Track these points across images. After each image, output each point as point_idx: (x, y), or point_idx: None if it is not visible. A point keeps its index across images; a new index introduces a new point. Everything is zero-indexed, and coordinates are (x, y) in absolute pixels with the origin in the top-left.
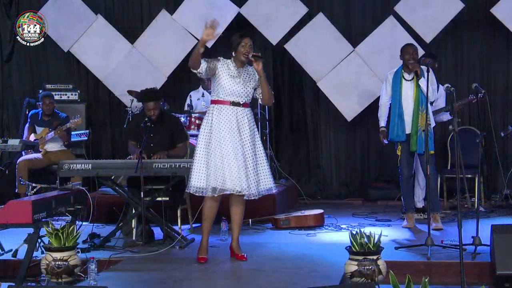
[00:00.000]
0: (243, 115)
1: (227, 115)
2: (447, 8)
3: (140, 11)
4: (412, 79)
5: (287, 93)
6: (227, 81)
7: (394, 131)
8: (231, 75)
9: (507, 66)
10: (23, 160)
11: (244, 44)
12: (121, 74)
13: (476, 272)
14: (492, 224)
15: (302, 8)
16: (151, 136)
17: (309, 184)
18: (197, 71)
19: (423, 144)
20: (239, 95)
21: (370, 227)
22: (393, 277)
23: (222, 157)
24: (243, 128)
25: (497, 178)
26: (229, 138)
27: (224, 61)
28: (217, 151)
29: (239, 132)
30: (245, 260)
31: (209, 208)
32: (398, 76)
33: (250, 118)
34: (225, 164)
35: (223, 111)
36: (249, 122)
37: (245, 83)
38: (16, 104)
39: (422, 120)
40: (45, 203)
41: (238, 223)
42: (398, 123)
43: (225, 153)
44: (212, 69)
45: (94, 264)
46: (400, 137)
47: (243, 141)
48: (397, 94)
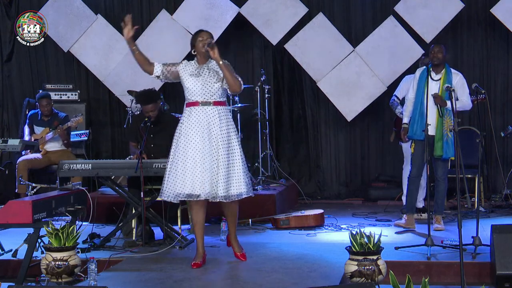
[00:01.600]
0: (214, 114)
1: (196, 116)
2: (447, 8)
3: (140, 11)
4: (439, 80)
5: (287, 93)
6: (189, 81)
7: (413, 128)
8: (191, 74)
9: (507, 66)
10: (23, 160)
11: (202, 38)
12: (121, 74)
13: (476, 272)
14: (492, 224)
15: (302, 8)
16: (151, 137)
17: (309, 184)
18: (153, 75)
19: (450, 149)
20: (204, 93)
21: (370, 227)
22: (393, 277)
23: (185, 161)
24: (214, 128)
25: (497, 178)
26: (197, 140)
27: (186, 63)
28: (181, 156)
29: (209, 132)
30: (244, 260)
31: (195, 213)
32: (424, 75)
33: (224, 117)
34: (187, 168)
35: (192, 113)
36: (220, 122)
37: (206, 79)
38: (16, 104)
39: (446, 124)
40: (45, 203)
41: (233, 223)
42: (419, 121)
43: (190, 156)
44: (172, 73)
45: (94, 264)
46: (417, 135)
47: (212, 142)
48: (421, 92)
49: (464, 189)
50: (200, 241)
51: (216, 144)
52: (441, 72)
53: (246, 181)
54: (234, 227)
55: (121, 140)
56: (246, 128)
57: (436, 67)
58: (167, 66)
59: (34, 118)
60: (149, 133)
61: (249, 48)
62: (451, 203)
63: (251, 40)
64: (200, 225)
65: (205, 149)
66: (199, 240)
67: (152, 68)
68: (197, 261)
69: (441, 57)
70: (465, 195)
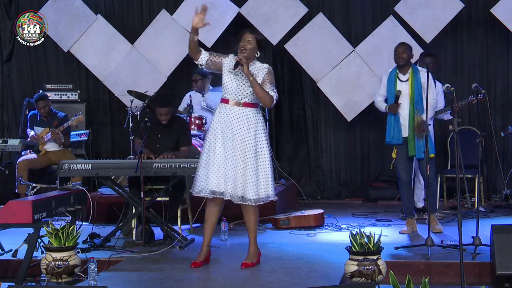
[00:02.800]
0: (241, 115)
1: (224, 114)
2: (447, 8)
3: (140, 11)
4: (407, 80)
5: (287, 93)
6: (226, 77)
7: (390, 134)
8: (231, 71)
9: (507, 66)
10: (23, 160)
11: (243, 39)
12: (121, 74)
13: (476, 272)
14: (492, 224)
15: (302, 8)
16: (158, 137)
17: (309, 184)
18: (197, 62)
19: (421, 149)
20: (237, 93)
21: (370, 227)
22: (393, 277)
23: (208, 158)
24: (238, 129)
25: (497, 178)
26: (220, 139)
27: (231, 57)
28: (206, 151)
29: (233, 133)
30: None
31: (209, 212)
32: (393, 77)
33: (252, 119)
34: (210, 165)
35: (222, 110)
36: (248, 123)
37: (242, 80)
38: (16, 104)
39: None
40: (45, 203)
41: (251, 230)
42: (394, 125)
43: (212, 154)
44: (215, 64)
45: (94, 264)
46: (396, 140)
47: (236, 143)
48: (392, 95)
49: (464, 189)
50: (206, 240)
51: (241, 145)
52: (408, 72)
53: (273, 185)
54: (251, 233)
55: (121, 140)
56: None
57: (402, 68)
58: (214, 56)
59: (33, 119)
60: (157, 133)
61: None
62: (451, 203)
63: None
64: (210, 223)
65: (227, 150)
66: (205, 237)
67: (199, 55)
68: (197, 260)
69: (406, 57)
70: (465, 195)
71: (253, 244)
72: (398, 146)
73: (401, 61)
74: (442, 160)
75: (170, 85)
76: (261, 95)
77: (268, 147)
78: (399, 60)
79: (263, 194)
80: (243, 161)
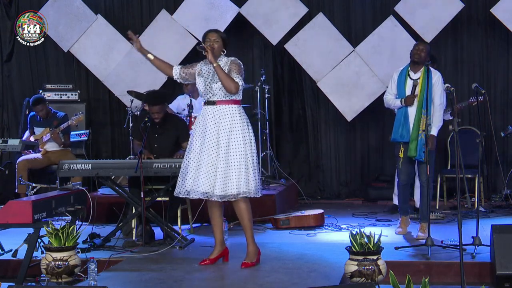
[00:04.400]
0: (215, 113)
1: (202, 116)
2: (447, 8)
3: (140, 11)
4: (418, 79)
5: (287, 93)
6: (197, 82)
7: (398, 131)
8: (199, 74)
9: (507, 66)
10: (23, 160)
11: (208, 39)
12: (121, 74)
13: (476, 272)
14: (492, 224)
15: (302, 8)
16: (155, 137)
17: (309, 184)
18: (174, 78)
19: (422, 150)
20: (206, 92)
21: (370, 227)
22: (393, 277)
23: (187, 160)
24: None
25: (497, 178)
26: (196, 140)
27: (202, 62)
28: (186, 155)
29: (204, 131)
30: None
31: (210, 211)
32: (404, 75)
33: (227, 116)
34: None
35: (202, 113)
36: (221, 120)
37: (206, 79)
38: (16, 104)
39: (423, 124)
40: (45, 203)
41: (245, 227)
42: (403, 123)
43: (189, 156)
44: (190, 74)
45: (94, 264)
46: (404, 138)
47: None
48: (402, 93)
49: (464, 189)
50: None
51: (214, 143)
52: (420, 71)
53: (247, 180)
54: (246, 231)
55: (121, 140)
56: None
57: (415, 66)
58: (185, 68)
59: (33, 119)
60: (154, 133)
61: (249, 48)
62: (451, 203)
63: (251, 40)
64: (214, 222)
65: (202, 149)
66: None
67: (170, 71)
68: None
69: (424, 55)
70: (465, 195)
71: (251, 243)
72: (405, 144)
73: (417, 57)
74: (442, 160)
75: (170, 85)
76: (225, 81)
77: (245, 143)
78: (416, 56)
79: (233, 191)
80: (215, 158)
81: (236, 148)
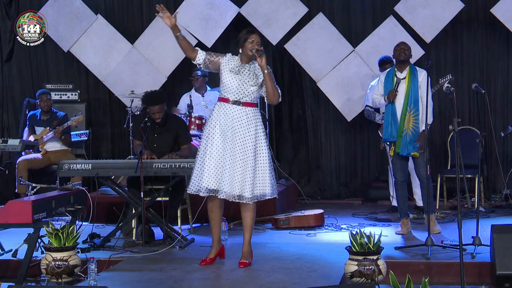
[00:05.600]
0: (242, 114)
1: (223, 114)
2: (447, 8)
3: (140, 11)
4: (405, 78)
5: (287, 93)
6: (227, 77)
7: (388, 131)
8: (232, 71)
9: (507, 66)
10: (23, 160)
11: (252, 40)
12: (121, 74)
13: (476, 272)
14: (492, 224)
15: (302, 8)
16: (155, 136)
17: (309, 184)
18: (194, 62)
19: (407, 146)
20: (238, 92)
21: (370, 227)
22: (393, 277)
23: (204, 156)
24: (239, 128)
25: (497, 178)
26: (219, 138)
27: (230, 57)
28: (202, 151)
29: (233, 132)
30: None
31: (210, 211)
32: (391, 75)
33: (252, 118)
34: (206, 164)
35: (221, 109)
36: (248, 122)
37: (244, 79)
38: (16, 104)
39: (408, 122)
40: (45, 203)
41: (247, 228)
42: (392, 123)
43: (208, 152)
44: (213, 63)
45: (94, 264)
46: (394, 137)
47: (236, 142)
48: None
49: (464, 189)
50: (215, 237)
51: (241, 144)
52: (406, 70)
53: (272, 183)
54: (247, 231)
55: (121, 140)
56: None
57: (401, 65)
58: (211, 56)
59: (33, 119)
60: (154, 132)
61: None
62: (451, 203)
63: None
64: (213, 221)
65: (226, 149)
66: (214, 236)
67: (195, 54)
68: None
69: (408, 53)
70: (465, 195)
71: (249, 244)
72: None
73: (402, 56)
74: (442, 160)
75: (170, 85)
76: (273, 90)
77: (268, 146)
78: (401, 55)
79: (258, 192)
80: (242, 159)
81: (262, 151)
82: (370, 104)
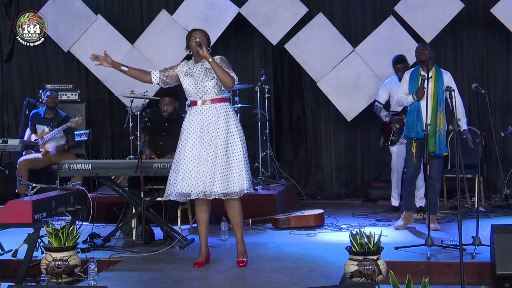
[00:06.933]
0: (210, 112)
1: (194, 116)
2: (447, 8)
3: (140, 11)
4: (431, 77)
5: (287, 93)
6: (184, 81)
7: (413, 128)
8: (186, 74)
9: (507, 66)
10: (23, 160)
11: (194, 37)
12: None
13: (476, 272)
14: (492, 224)
15: (302, 8)
16: (162, 135)
17: (309, 184)
18: (153, 84)
19: (442, 146)
20: (197, 92)
21: (370, 227)
22: (393, 277)
23: (180, 161)
24: (208, 126)
25: (497, 178)
26: (192, 141)
27: (184, 63)
28: (178, 156)
29: (202, 131)
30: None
31: (197, 212)
32: (415, 74)
33: (222, 113)
34: (181, 168)
35: (191, 113)
36: (217, 118)
37: (198, 78)
38: (16, 104)
39: (440, 121)
40: (45, 203)
41: (238, 226)
42: (417, 120)
43: (183, 157)
44: (171, 77)
45: (94, 264)
46: (418, 134)
47: (205, 140)
48: (415, 90)
49: (464, 189)
50: (203, 240)
51: (212, 142)
52: (432, 70)
53: (248, 178)
54: (238, 230)
55: (121, 140)
56: (246, 128)
57: (424, 64)
58: (165, 71)
59: (36, 117)
60: (161, 130)
61: (249, 48)
62: (451, 203)
63: (251, 40)
64: (202, 223)
65: (201, 149)
66: (202, 238)
67: (149, 77)
68: (199, 260)
69: (427, 53)
70: (465, 195)
71: (242, 242)
72: (418, 140)
73: (422, 57)
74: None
75: None
76: (223, 75)
77: (242, 141)
78: (421, 56)
79: (236, 188)
80: (214, 156)
81: (234, 146)
82: (380, 100)
